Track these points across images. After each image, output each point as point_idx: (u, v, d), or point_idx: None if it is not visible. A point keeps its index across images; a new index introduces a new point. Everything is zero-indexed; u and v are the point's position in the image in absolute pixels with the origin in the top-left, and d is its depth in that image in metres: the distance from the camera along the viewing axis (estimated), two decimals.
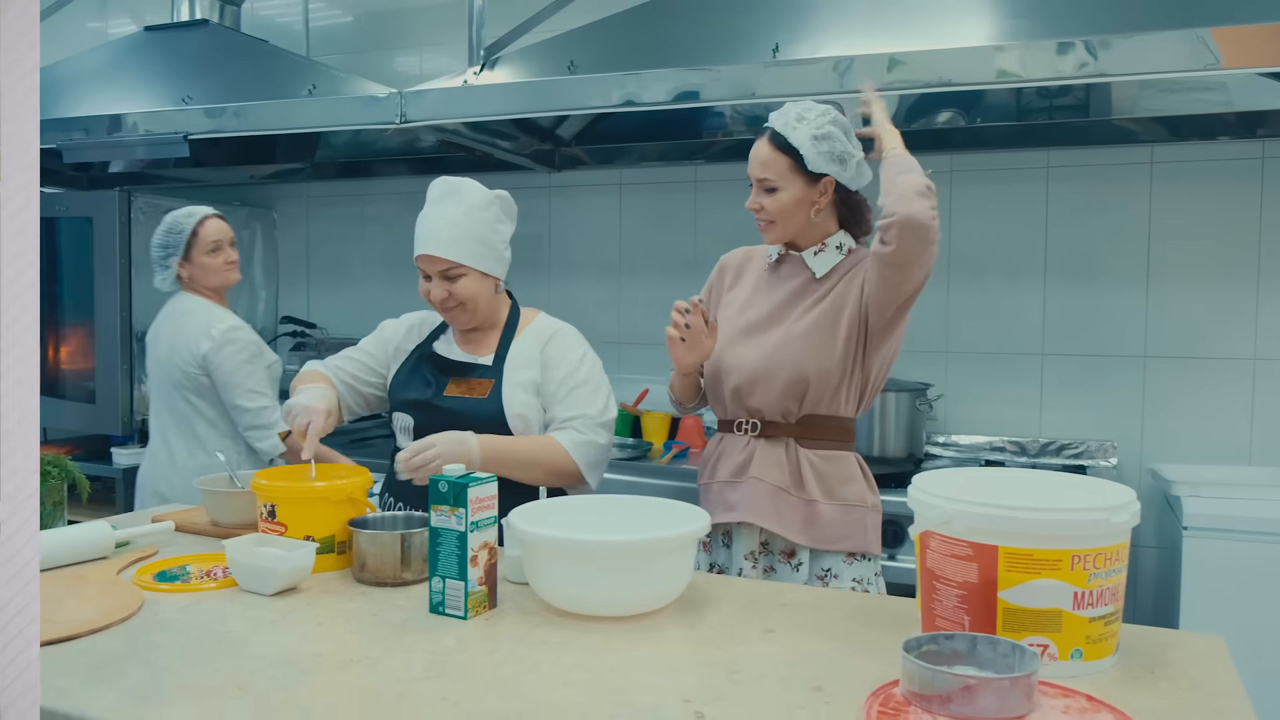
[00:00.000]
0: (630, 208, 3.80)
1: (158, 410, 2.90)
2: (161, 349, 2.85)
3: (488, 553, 1.55)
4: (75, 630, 1.40)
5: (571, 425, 2.01)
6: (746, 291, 2.13)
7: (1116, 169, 3.18)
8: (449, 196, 2.01)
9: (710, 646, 1.42)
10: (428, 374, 2.10)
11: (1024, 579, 1.32)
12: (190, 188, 4.41)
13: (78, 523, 1.86)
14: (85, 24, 4.66)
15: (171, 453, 2.84)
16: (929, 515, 1.39)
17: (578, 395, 2.04)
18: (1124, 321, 3.17)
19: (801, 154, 1.94)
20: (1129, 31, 2.33)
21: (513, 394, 2.03)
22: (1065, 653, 1.32)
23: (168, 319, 2.88)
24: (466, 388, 2.05)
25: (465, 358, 2.10)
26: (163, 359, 2.84)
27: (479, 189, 2.04)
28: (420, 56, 4.04)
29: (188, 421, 2.83)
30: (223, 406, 2.81)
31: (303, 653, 1.37)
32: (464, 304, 2.03)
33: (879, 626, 1.52)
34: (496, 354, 2.08)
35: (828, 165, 1.95)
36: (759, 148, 1.99)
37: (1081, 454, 3.17)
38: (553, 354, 2.08)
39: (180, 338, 2.79)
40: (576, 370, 2.06)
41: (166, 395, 2.85)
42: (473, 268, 2.01)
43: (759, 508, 1.96)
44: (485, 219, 2.03)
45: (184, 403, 2.82)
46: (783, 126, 1.97)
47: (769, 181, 1.97)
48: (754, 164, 2.00)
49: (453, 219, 2.00)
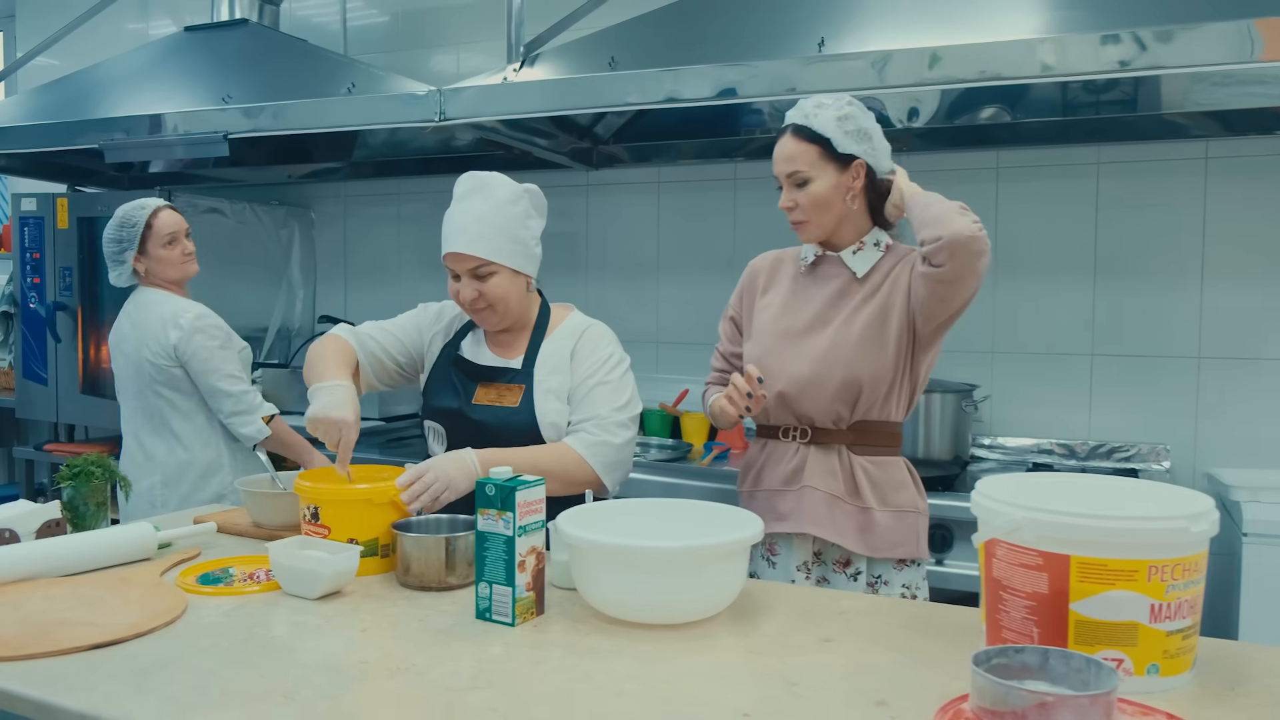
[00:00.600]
0: (668, 206, 3.76)
1: (129, 413, 2.83)
2: (128, 346, 2.78)
3: (535, 558, 1.51)
4: (120, 634, 1.38)
5: (584, 427, 1.94)
6: (783, 295, 2.06)
7: (1170, 164, 3.09)
8: (476, 192, 1.94)
9: (766, 656, 1.38)
10: (455, 379, 2.03)
11: (1098, 590, 1.26)
12: (228, 187, 4.42)
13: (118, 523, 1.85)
14: (125, 25, 4.69)
15: (148, 453, 2.76)
16: (995, 522, 1.34)
17: (595, 395, 1.97)
18: (1176, 321, 3.09)
19: (829, 138, 1.90)
20: (1173, 23, 2.26)
21: (545, 402, 1.96)
22: (1141, 668, 1.27)
23: (130, 315, 2.81)
24: (496, 394, 1.99)
25: (494, 361, 2.04)
26: (130, 356, 2.77)
27: (507, 183, 1.96)
28: (457, 55, 4.02)
29: (161, 417, 2.75)
30: (198, 397, 2.74)
31: (348, 659, 1.34)
32: (493, 305, 1.95)
33: (939, 636, 1.46)
34: (526, 356, 2.01)
35: (856, 145, 1.92)
36: (783, 145, 1.95)
37: (1132, 457, 3.09)
38: (578, 356, 2.01)
39: (147, 331, 2.72)
40: (598, 370, 1.99)
41: (139, 394, 2.78)
42: (503, 265, 1.93)
43: (815, 517, 1.91)
44: (515, 214, 1.95)
45: (156, 398, 2.74)
46: (803, 118, 1.93)
47: (800, 174, 1.92)
48: (780, 162, 1.94)
49: (480, 214, 1.92)
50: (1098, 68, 2.32)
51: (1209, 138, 3.03)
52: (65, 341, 4.00)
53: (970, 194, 3.27)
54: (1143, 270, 3.12)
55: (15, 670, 1.28)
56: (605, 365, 1.99)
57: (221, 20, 3.80)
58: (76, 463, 1.84)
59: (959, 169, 3.31)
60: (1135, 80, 2.98)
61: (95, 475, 1.82)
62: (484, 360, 2.04)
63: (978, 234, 1.76)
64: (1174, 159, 3.08)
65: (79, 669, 1.29)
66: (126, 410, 2.85)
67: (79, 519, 1.82)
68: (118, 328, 2.85)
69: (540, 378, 1.98)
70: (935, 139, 3.31)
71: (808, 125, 1.91)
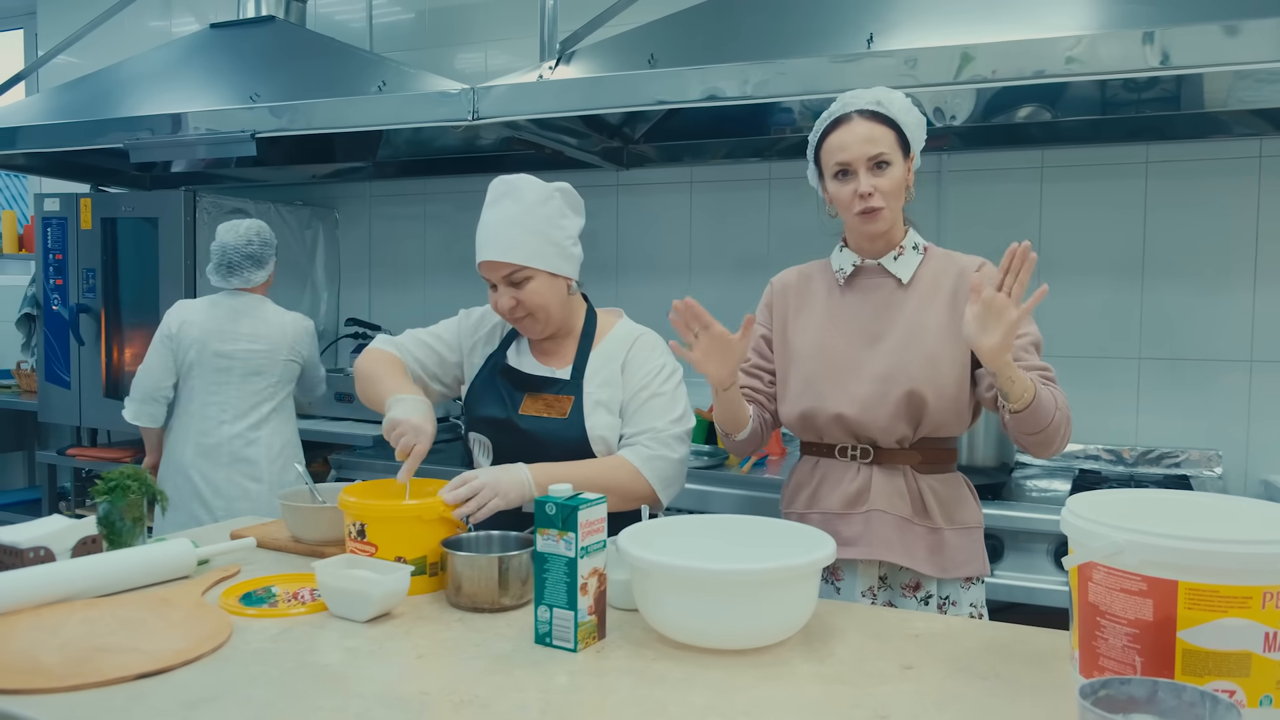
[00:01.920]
0: (700, 206, 3.68)
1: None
2: (259, 344, 3.16)
3: (598, 580, 1.44)
4: (167, 662, 1.31)
5: (640, 440, 1.87)
6: (821, 313, 1.92)
7: (1221, 163, 3.00)
8: (505, 196, 1.86)
9: (847, 685, 1.30)
10: (502, 389, 1.96)
11: (1208, 618, 1.18)
12: (252, 187, 4.36)
13: (158, 539, 1.79)
14: (148, 23, 4.64)
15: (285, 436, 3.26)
16: (1093, 545, 1.26)
17: (650, 408, 1.89)
18: (1228, 323, 3.00)
19: (902, 125, 1.80)
20: (1213, 20, 2.18)
21: (595, 414, 1.89)
22: (1254, 700, 1.19)
23: (240, 315, 3.15)
24: (544, 405, 1.91)
25: (541, 370, 1.96)
26: (258, 352, 3.16)
27: (535, 184, 1.88)
28: (485, 53, 3.95)
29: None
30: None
31: (408, 690, 1.27)
32: (533, 313, 1.88)
33: (1024, 663, 1.39)
34: (574, 366, 1.94)
35: (919, 135, 1.83)
36: (857, 128, 1.79)
37: (1183, 463, 3.01)
38: (630, 367, 1.93)
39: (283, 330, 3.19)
40: (651, 381, 1.91)
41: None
42: (538, 269, 1.86)
43: (886, 541, 1.80)
44: (546, 214, 1.87)
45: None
46: (874, 104, 1.81)
47: (884, 155, 1.77)
48: (858, 145, 1.78)
49: (511, 219, 1.85)
50: (1135, 65, 2.26)
51: (1261, 136, 2.94)
52: (88, 344, 3.95)
53: (1013, 194, 3.23)
54: (1193, 272, 3.03)
55: (60, 703, 1.22)
56: (659, 376, 1.91)
57: (248, 17, 3.74)
58: (112, 476, 1.77)
59: (1000, 168, 3.23)
60: (1177, 78, 2.90)
61: (132, 489, 1.75)
62: (530, 369, 1.97)
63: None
64: (1225, 158, 3.00)
65: (125, 701, 1.22)
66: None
67: (115, 535, 1.76)
68: (220, 325, 3.12)
69: (590, 390, 1.91)
70: (975, 138, 3.22)
71: (882, 110, 1.81)
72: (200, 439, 3.12)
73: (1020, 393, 1.64)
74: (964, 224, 3.26)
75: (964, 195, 3.26)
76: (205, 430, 3.13)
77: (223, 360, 3.11)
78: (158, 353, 3.13)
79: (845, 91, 1.88)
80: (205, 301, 3.18)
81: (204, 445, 3.12)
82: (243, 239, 3.12)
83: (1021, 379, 1.64)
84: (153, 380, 3.13)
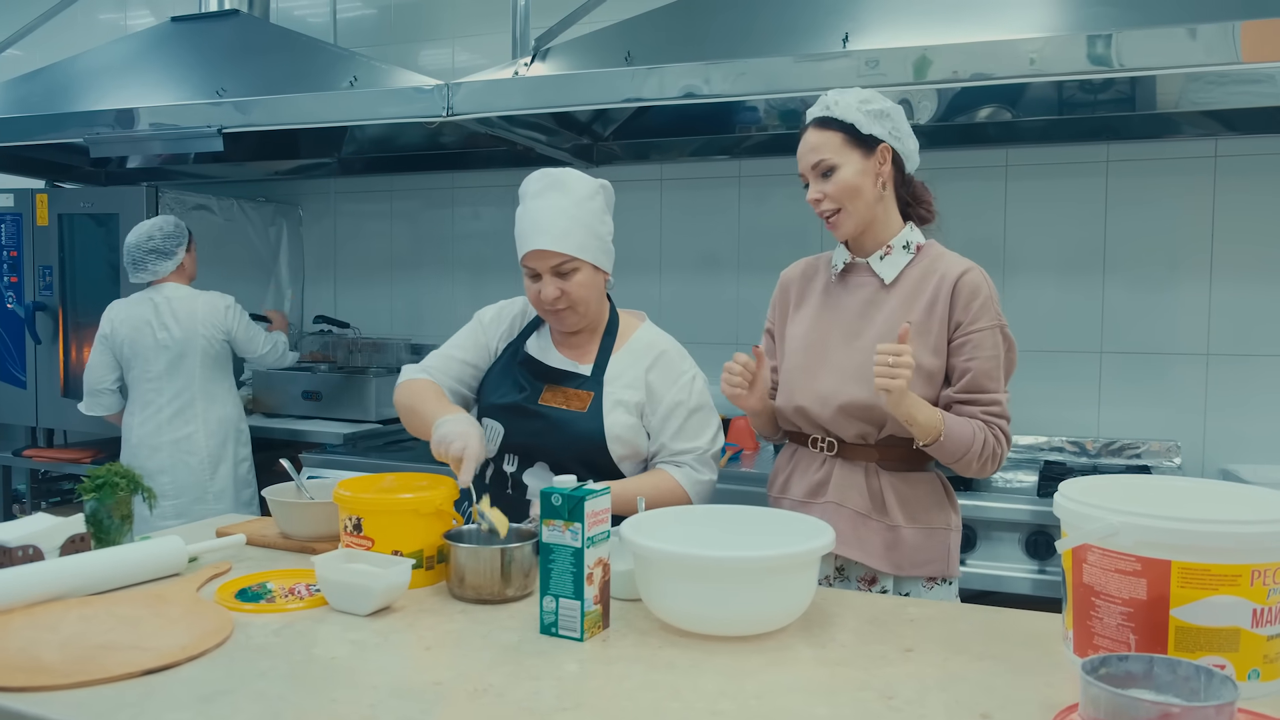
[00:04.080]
0: (670, 203, 3.70)
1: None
2: (178, 331, 3.31)
3: (603, 570, 1.46)
4: (174, 658, 1.30)
5: (687, 462, 1.92)
6: (814, 307, 1.97)
7: (1178, 162, 3.10)
8: (553, 189, 1.88)
9: (851, 668, 1.33)
10: (521, 379, 1.97)
11: (1200, 595, 1.23)
12: (212, 183, 4.29)
13: (147, 537, 1.76)
14: (99, 16, 4.54)
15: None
16: (1088, 527, 1.30)
17: (691, 425, 1.94)
18: (1185, 318, 3.10)
19: (850, 122, 1.83)
20: (1161, 25, 2.26)
21: (614, 414, 1.91)
22: (1243, 674, 1.24)
23: (166, 303, 3.32)
24: (564, 398, 1.92)
25: (564, 364, 1.97)
26: (181, 339, 3.31)
27: (584, 178, 1.91)
28: (452, 50, 3.93)
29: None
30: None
31: (421, 680, 1.28)
32: (575, 305, 1.89)
33: (1020, 643, 1.43)
34: (596, 364, 1.96)
35: (879, 125, 1.84)
36: (807, 139, 1.86)
37: (1144, 453, 3.10)
38: (660, 378, 1.95)
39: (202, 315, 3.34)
40: (688, 397, 1.95)
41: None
42: (586, 261, 1.88)
43: (840, 534, 1.77)
44: (594, 209, 1.90)
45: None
46: (824, 110, 1.86)
47: (825, 162, 1.83)
48: (805, 155, 1.85)
49: (562, 209, 1.86)
50: (1084, 68, 2.32)
51: (1216, 136, 3.04)
52: (45, 343, 3.86)
53: (978, 192, 3.30)
54: (1152, 267, 3.13)
55: (66, 700, 1.20)
56: (694, 390, 1.96)
57: (210, 11, 3.68)
58: (99, 474, 1.75)
59: (966, 167, 3.30)
60: (1131, 80, 2.98)
61: (120, 487, 1.73)
62: (553, 362, 1.98)
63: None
64: (1182, 157, 3.09)
65: (137, 697, 1.21)
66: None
67: (103, 533, 1.73)
68: (143, 319, 3.30)
69: (611, 390, 1.92)
70: (940, 137, 3.28)
71: (829, 115, 1.85)
72: (140, 428, 3.33)
73: (921, 434, 1.75)
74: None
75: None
76: (145, 418, 3.34)
77: (150, 351, 3.32)
78: (98, 352, 3.39)
79: (810, 91, 1.92)
80: (131, 300, 3.39)
81: (144, 433, 3.33)
82: (144, 235, 3.32)
83: (922, 423, 1.73)
84: (95, 376, 3.39)
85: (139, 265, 3.33)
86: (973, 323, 1.81)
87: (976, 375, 1.81)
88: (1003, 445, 1.82)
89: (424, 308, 4.09)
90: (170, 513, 3.22)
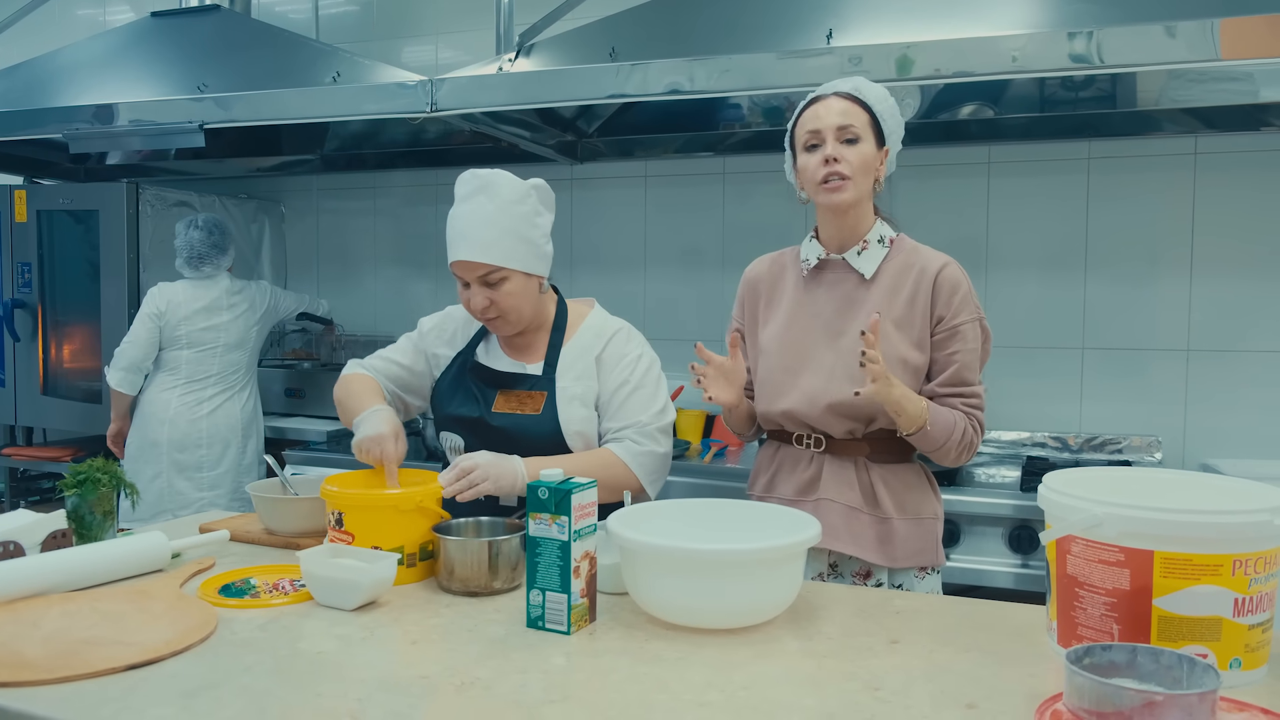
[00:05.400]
0: (654, 200, 3.71)
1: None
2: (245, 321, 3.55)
3: (589, 563, 1.46)
4: (157, 653, 1.29)
5: (626, 435, 1.88)
6: (788, 305, 1.94)
7: (1159, 159, 3.12)
8: (480, 193, 1.82)
9: (839, 660, 1.34)
10: (473, 387, 1.94)
11: (1182, 585, 1.24)
12: (193, 180, 4.26)
13: (129, 532, 1.75)
14: (77, 11, 4.50)
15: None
16: (1072, 518, 1.31)
17: (633, 401, 1.90)
18: (1165, 314, 3.12)
19: (878, 112, 1.83)
20: (1144, 21, 2.28)
21: (569, 409, 1.88)
22: (1224, 662, 1.25)
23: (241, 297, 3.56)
24: (517, 401, 1.90)
25: (512, 367, 1.95)
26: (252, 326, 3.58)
27: (512, 181, 1.85)
28: (436, 46, 3.92)
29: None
30: None
31: (407, 674, 1.27)
32: (505, 314, 1.86)
33: (1006, 634, 1.44)
34: (546, 361, 1.93)
35: (895, 127, 1.85)
36: (831, 104, 1.82)
37: (1125, 448, 3.12)
38: (607, 361, 1.93)
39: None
40: (630, 375, 1.91)
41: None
42: (514, 270, 1.84)
43: (833, 530, 1.81)
44: (523, 213, 1.84)
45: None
46: (854, 89, 1.84)
47: (851, 129, 1.79)
48: (829, 116, 1.80)
49: (487, 218, 1.81)
50: (1065, 65, 2.33)
51: (1196, 134, 3.06)
52: (24, 340, 3.82)
53: (961, 188, 3.31)
54: (1132, 263, 3.15)
55: (50, 695, 1.19)
56: (638, 368, 1.92)
57: (191, 6, 3.65)
58: (81, 470, 1.73)
59: (949, 164, 3.31)
60: (1112, 77, 3.01)
61: (102, 483, 1.71)
62: (501, 366, 1.95)
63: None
64: (1163, 154, 3.12)
65: (120, 692, 1.20)
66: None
67: (85, 529, 1.72)
68: (204, 303, 3.45)
69: (564, 384, 1.90)
70: (923, 134, 3.29)
71: (859, 94, 1.83)
72: (177, 414, 3.42)
73: (908, 423, 1.78)
74: (914, 219, 3.32)
75: (914, 190, 3.33)
76: (187, 394, 3.44)
77: (206, 334, 3.44)
78: (147, 330, 3.39)
79: (793, 88, 1.91)
80: (185, 284, 3.46)
81: (183, 408, 3.43)
82: (204, 233, 3.45)
83: (911, 412, 1.76)
84: (141, 354, 3.40)
85: (204, 259, 3.45)
86: (954, 317, 1.82)
87: (960, 368, 1.83)
88: (978, 434, 1.86)
89: (407, 305, 4.07)
90: (206, 484, 3.44)
